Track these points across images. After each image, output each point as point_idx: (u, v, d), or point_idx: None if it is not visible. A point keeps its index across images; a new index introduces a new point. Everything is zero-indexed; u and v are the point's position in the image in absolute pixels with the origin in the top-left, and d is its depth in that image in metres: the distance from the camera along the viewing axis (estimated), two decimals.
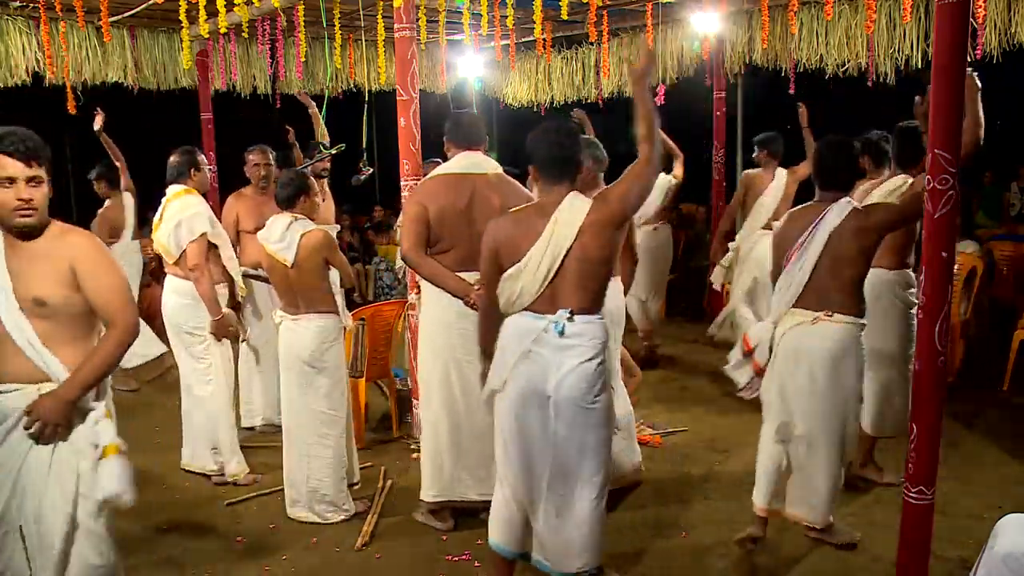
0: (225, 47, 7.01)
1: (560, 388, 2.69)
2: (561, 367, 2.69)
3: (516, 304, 2.78)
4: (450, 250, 3.53)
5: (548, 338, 2.71)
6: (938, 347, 2.54)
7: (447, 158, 3.68)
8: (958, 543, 3.39)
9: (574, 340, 2.70)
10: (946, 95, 2.42)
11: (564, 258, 2.68)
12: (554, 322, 2.70)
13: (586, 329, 2.72)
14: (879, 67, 6.07)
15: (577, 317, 2.71)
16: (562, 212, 2.71)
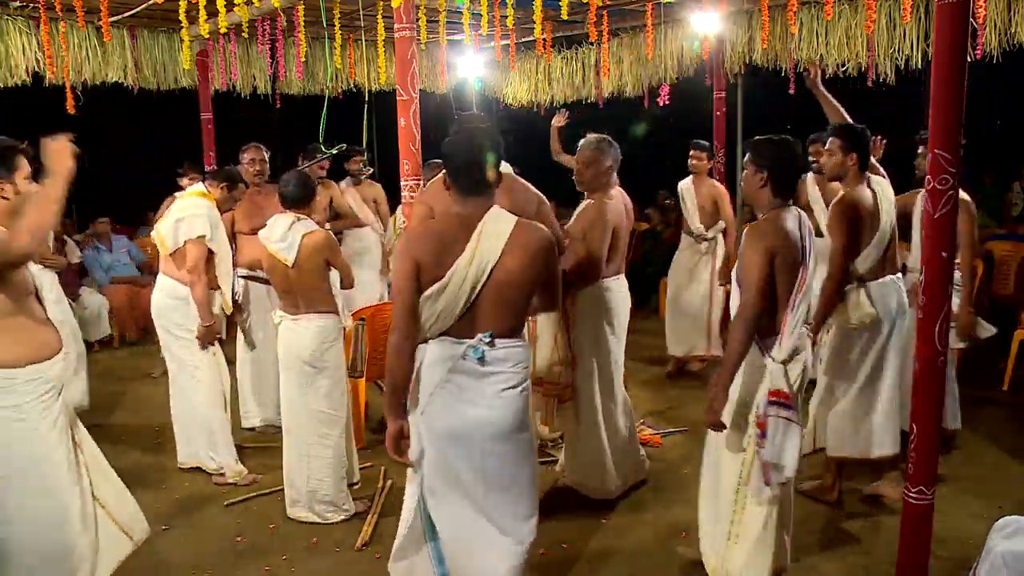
0: (225, 47, 7.01)
1: (482, 419, 2.50)
2: (484, 395, 2.50)
3: (434, 327, 2.53)
4: None
5: (467, 365, 2.50)
6: (938, 347, 2.54)
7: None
8: (958, 543, 3.39)
9: (496, 367, 2.50)
10: (946, 95, 2.42)
11: (488, 278, 2.46)
12: (473, 347, 2.49)
13: (509, 354, 2.52)
14: (879, 67, 6.06)
15: (498, 341, 2.50)
16: (486, 227, 2.49)
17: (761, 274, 2.76)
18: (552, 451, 4.60)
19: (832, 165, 3.73)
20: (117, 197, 9.24)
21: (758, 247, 2.78)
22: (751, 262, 2.77)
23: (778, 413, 2.76)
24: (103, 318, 7.40)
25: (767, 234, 2.81)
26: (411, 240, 2.56)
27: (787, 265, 2.80)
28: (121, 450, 4.80)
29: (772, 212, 2.89)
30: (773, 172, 2.88)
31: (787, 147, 2.94)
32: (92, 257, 7.77)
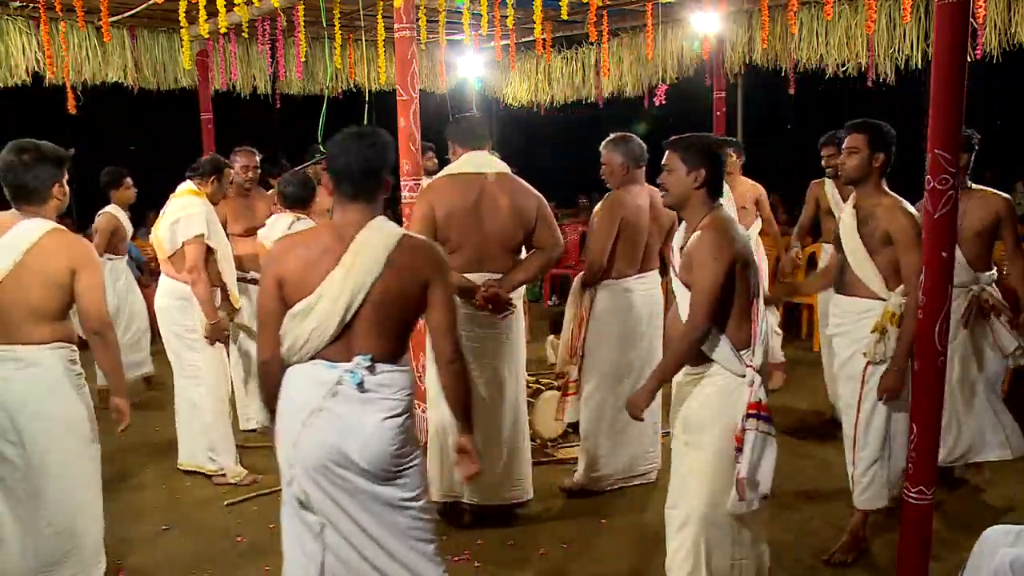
0: (225, 47, 7.00)
1: (364, 450, 2.25)
2: (363, 426, 2.25)
3: (304, 349, 2.27)
4: (457, 251, 3.52)
5: (344, 391, 2.25)
6: (938, 347, 2.54)
7: (444, 162, 3.70)
8: (958, 543, 3.38)
9: (376, 393, 2.27)
10: (946, 95, 2.42)
11: (366, 295, 2.23)
12: (351, 371, 2.24)
13: (391, 379, 2.29)
14: (879, 67, 6.06)
15: (378, 366, 2.27)
16: (364, 240, 2.25)
17: (719, 287, 2.59)
18: (552, 451, 4.60)
19: (853, 166, 3.27)
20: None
21: (720, 256, 2.60)
22: (711, 272, 2.59)
23: (757, 427, 2.61)
24: None
25: (728, 242, 2.62)
26: (274, 254, 2.35)
27: (745, 272, 2.65)
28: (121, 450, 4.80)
29: (716, 216, 2.69)
30: (709, 171, 2.70)
31: (716, 144, 2.83)
32: None
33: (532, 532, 3.71)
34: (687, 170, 2.71)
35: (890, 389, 3.17)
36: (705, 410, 2.73)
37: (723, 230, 2.65)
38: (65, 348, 2.91)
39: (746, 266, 2.65)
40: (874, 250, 3.22)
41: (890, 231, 3.14)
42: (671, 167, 2.76)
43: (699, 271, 2.62)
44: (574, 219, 9.77)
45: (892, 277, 3.20)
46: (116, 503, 4.08)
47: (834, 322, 3.46)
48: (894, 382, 3.16)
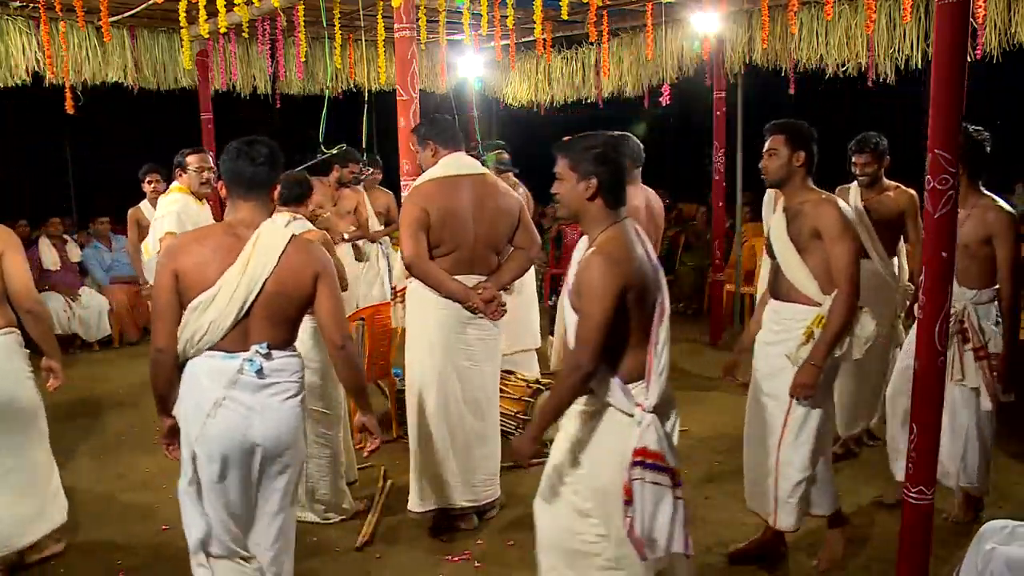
0: (225, 47, 7.01)
1: (268, 432, 2.43)
2: (267, 410, 2.43)
3: (203, 341, 2.40)
4: (450, 254, 3.49)
5: (244, 379, 2.40)
6: (938, 347, 2.54)
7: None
8: (958, 543, 3.38)
9: (274, 378, 2.45)
10: (946, 95, 2.42)
11: (261, 289, 2.39)
12: (249, 360, 2.40)
13: (285, 364, 2.48)
14: (879, 67, 6.06)
15: (274, 352, 2.45)
16: (261, 236, 2.43)
17: (608, 322, 2.28)
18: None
19: (775, 167, 3.22)
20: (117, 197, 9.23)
21: (608, 286, 2.26)
22: (598, 307, 2.27)
23: (644, 476, 2.29)
24: (103, 318, 7.41)
25: (617, 268, 2.28)
26: (171, 250, 2.49)
27: (642, 299, 2.34)
28: (121, 450, 4.80)
29: (610, 234, 2.37)
30: (606, 179, 2.36)
31: (618, 147, 2.47)
32: (92, 257, 7.77)
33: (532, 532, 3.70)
34: (578, 177, 2.38)
35: (802, 385, 2.98)
36: (588, 447, 2.45)
37: (613, 252, 2.31)
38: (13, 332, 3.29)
39: (643, 292, 2.33)
40: (804, 248, 3.05)
41: (817, 225, 3.00)
42: (561, 175, 2.43)
43: (586, 303, 2.31)
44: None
45: (827, 280, 3.01)
46: (116, 503, 4.08)
47: (772, 329, 3.19)
48: (807, 377, 2.97)
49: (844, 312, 2.94)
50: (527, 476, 4.31)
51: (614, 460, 2.35)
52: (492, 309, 3.55)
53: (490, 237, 3.58)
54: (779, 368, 3.10)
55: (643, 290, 2.34)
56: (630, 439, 2.32)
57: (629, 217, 2.44)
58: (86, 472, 4.54)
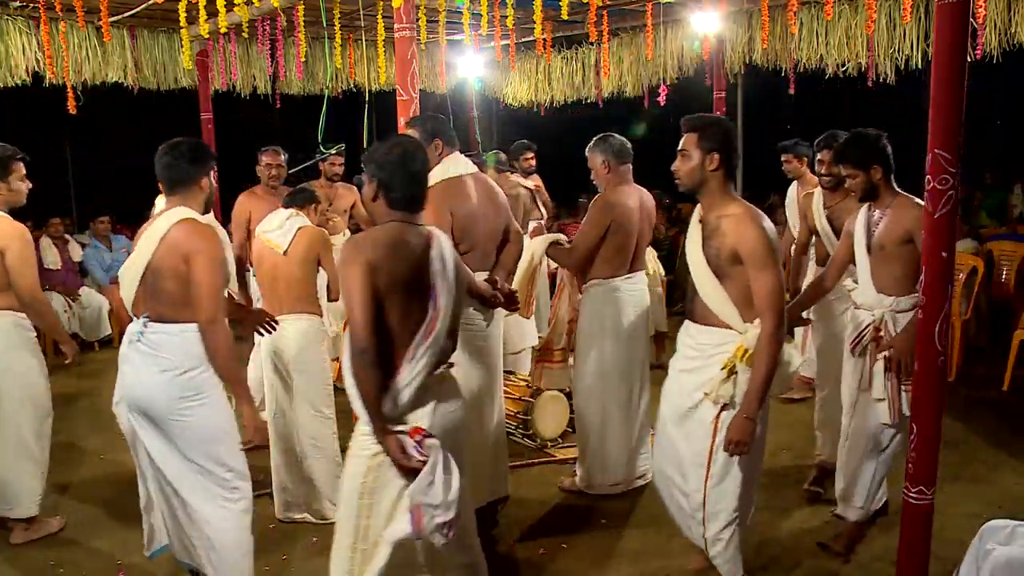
0: (225, 47, 7.00)
1: (142, 395, 2.81)
2: (142, 374, 2.81)
3: (131, 310, 2.96)
4: (469, 252, 3.49)
5: (135, 344, 2.84)
6: (938, 347, 2.54)
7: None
8: (958, 543, 3.38)
9: (153, 349, 2.79)
10: (946, 95, 2.42)
11: (145, 268, 2.81)
12: (137, 329, 2.85)
13: (162, 340, 2.79)
14: (879, 67, 6.06)
15: (153, 325, 2.82)
16: (154, 224, 2.84)
17: (361, 296, 2.27)
18: (552, 451, 4.60)
19: (685, 172, 2.84)
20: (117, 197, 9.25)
21: (352, 261, 2.29)
22: (345, 278, 2.31)
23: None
24: (103, 318, 7.41)
25: (365, 247, 2.32)
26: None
27: (396, 291, 2.32)
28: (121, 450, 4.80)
29: (384, 226, 2.42)
30: (386, 182, 2.37)
31: (406, 151, 2.44)
32: (92, 257, 7.77)
33: (532, 532, 3.71)
34: (367, 179, 2.49)
35: (738, 443, 2.66)
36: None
37: (363, 237, 2.41)
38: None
39: (393, 284, 2.30)
40: (723, 273, 2.73)
41: (738, 249, 2.66)
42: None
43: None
44: (574, 219, 9.77)
45: (749, 306, 2.70)
46: (116, 504, 4.08)
47: (687, 354, 2.90)
48: (742, 434, 2.65)
49: (772, 352, 2.62)
50: (527, 476, 4.31)
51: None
52: (511, 302, 3.53)
53: (495, 233, 3.60)
54: (697, 402, 2.82)
55: (396, 283, 2.42)
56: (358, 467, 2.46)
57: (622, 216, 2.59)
58: (87, 470, 4.53)
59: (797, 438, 4.76)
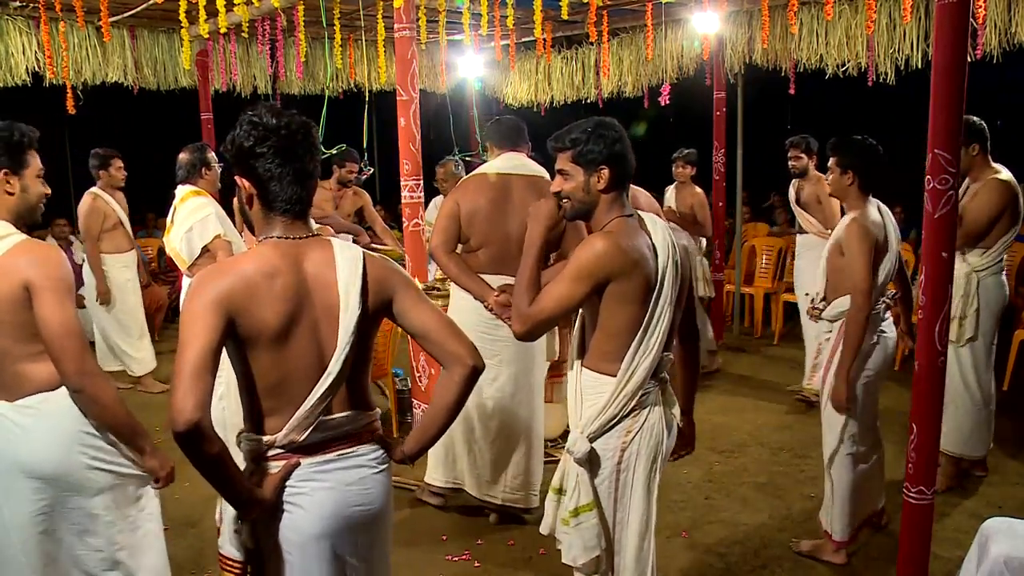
0: (225, 47, 7.00)
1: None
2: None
3: None
4: (479, 249, 3.53)
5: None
6: (938, 347, 2.54)
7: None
8: (958, 543, 3.38)
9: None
10: (946, 95, 2.42)
11: None
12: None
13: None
14: (879, 67, 6.06)
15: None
16: None
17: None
18: (552, 451, 4.60)
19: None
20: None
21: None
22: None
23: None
24: None
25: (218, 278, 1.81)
26: None
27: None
28: None
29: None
30: (259, 189, 1.80)
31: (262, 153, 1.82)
32: None
33: (532, 532, 3.70)
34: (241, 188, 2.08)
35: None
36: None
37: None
38: None
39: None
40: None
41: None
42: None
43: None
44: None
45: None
46: None
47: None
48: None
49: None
50: None
51: None
52: (508, 313, 3.35)
53: (511, 236, 3.55)
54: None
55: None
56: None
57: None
58: None
59: (797, 438, 4.76)
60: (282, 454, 1.79)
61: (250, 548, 1.84)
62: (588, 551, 2.25)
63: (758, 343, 7.14)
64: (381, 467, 1.89)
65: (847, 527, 3.32)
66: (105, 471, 2.36)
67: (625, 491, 2.31)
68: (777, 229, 8.58)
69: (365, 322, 1.81)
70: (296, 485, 1.79)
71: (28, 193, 2.27)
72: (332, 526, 1.80)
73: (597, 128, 2.24)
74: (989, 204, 3.73)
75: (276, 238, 1.80)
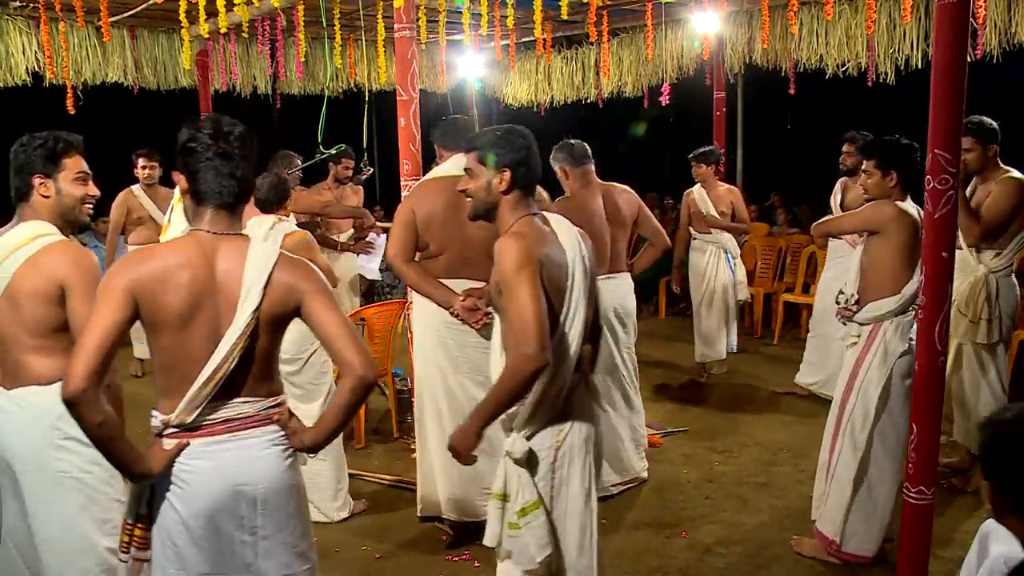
0: (225, 47, 7.00)
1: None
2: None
3: None
4: (439, 255, 3.44)
5: None
6: (938, 347, 2.54)
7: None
8: (958, 543, 3.38)
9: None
10: (946, 95, 2.42)
11: None
12: None
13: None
14: (879, 67, 6.06)
15: None
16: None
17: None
18: None
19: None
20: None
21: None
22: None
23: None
24: None
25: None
26: None
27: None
28: None
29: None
30: (189, 183, 1.94)
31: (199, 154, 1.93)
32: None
33: None
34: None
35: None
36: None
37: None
38: None
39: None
40: (499, 307, 2.35)
41: (497, 279, 2.27)
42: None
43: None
44: None
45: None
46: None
47: None
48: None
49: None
50: None
51: None
52: (475, 318, 3.34)
53: (485, 241, 3.49)
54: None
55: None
56: None
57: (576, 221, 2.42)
58: None
59: (797, 438, 4.76)
60: (176, 432, 1.91)
61: (142, 514, 1.97)
62: (542, 549, 2.25)
63: (758, 343, 7.14)
64: (275, 448, 1.99)
65: (876, 541, 3.23)
66: (75, 478, 2.38)
67: (562, 488, 2.31)
68: (777, 229, 8.58)
69: (266, 319, 1.91)
70: (185, 463, 1.92)
71: (63, 195, 2.38)
72: (216, 503, 1.92)
73: (506, 133, 2.38)
74: (1007, 200, 3.69)
75: (201, 231, 1.94)
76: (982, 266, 3.79)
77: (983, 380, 3.88)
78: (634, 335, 4.21)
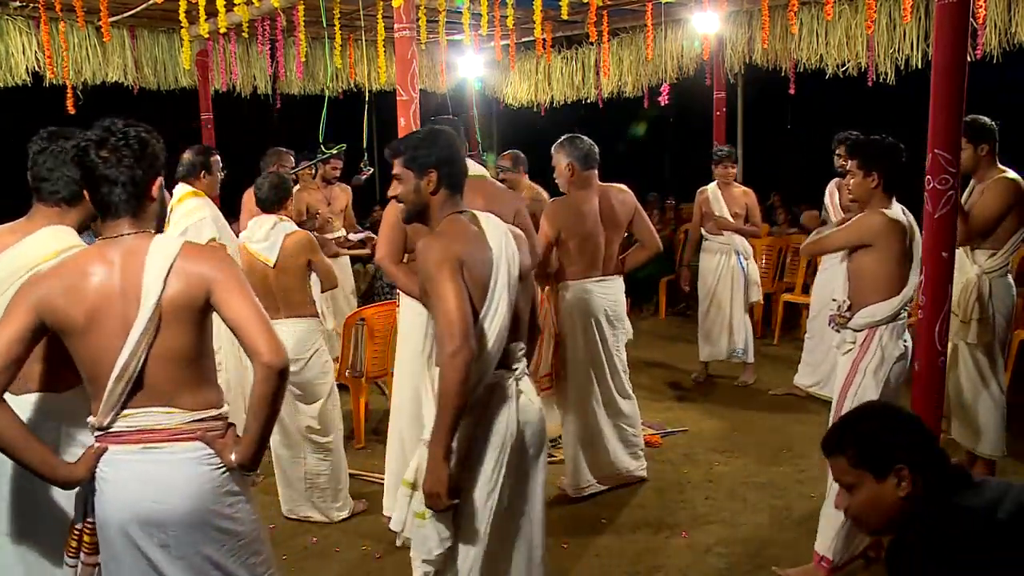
0: (225, 47, 7.00)
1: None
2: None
3: None
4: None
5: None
6: (938, 347, 2.54)
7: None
8: None
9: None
10: (946, 95, 2.42)
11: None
12: None
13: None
14: (879, 67, 6.06)
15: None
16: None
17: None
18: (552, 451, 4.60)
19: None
20: None
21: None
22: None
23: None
24: None
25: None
26: None
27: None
28: None
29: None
30: (88, 191, 1.97)
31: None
32: None
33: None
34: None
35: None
36: None
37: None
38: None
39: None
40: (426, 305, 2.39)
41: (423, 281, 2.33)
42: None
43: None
44: None
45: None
46: None
47: None
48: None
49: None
50: None
51: None
52: None
53: None
54: None
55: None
56: None
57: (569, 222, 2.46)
58: None
59: (797, 438, 4.76)
60: (100, 436, 1.91)
61: (89, 520, 1.96)
62: (444, 542, 2.24)
63: (758, 343, 7.11)
64: (199, 467, 1.90)
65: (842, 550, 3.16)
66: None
67: (468, 483, 2.29)
68: (777, 229, 8.58)
69: (174, 311, 1.85)
70: (102, 469, 1.91)
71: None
72: (127, 517, 1.88)
73: (428, 135, 2.38)
74: (997, 200, 3.67)
75: (105, 238, 1.92)
76: (976, 266, 3.78)
77: (980, 380, 3.88)
78: (625, 337, 4.19)
